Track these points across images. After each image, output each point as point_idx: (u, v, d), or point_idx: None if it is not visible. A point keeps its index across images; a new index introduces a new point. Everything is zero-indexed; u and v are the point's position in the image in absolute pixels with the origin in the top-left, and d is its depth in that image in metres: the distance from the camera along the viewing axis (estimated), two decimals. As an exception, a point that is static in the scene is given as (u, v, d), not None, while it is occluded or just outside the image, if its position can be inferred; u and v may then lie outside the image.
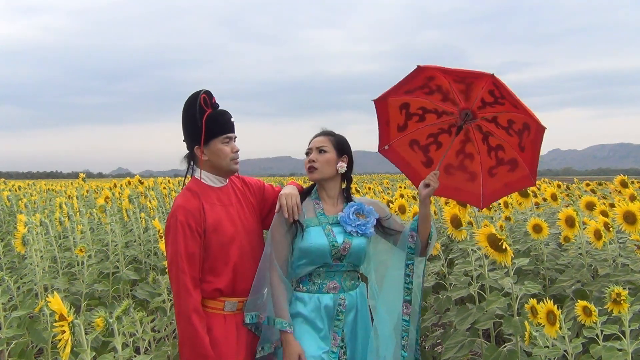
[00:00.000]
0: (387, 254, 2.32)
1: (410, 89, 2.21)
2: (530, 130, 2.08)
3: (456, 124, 2.25)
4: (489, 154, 2.28)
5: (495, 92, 2.05)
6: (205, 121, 2.10)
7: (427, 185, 2.18)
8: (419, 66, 2.06)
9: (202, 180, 2.18)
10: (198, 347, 1.99)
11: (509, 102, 2.04)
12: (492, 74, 1.96)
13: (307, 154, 2.25)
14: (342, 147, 2.26)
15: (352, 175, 2.33)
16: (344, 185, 2.32)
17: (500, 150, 2.24)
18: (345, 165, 2.24)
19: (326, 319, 2.14)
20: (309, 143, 2.27)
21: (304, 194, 2.28)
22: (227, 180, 2.26)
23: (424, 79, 2.15)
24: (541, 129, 2.02)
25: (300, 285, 2.19)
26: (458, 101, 2.20)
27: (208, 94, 2.13)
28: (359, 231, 2.18)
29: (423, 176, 2.31)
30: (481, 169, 2.31)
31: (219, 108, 2.17)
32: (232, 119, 2.18)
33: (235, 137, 2.20)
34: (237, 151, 2.19)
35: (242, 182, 2.34)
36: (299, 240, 2.17)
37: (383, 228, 2.27)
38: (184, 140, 2.21)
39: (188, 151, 2.22)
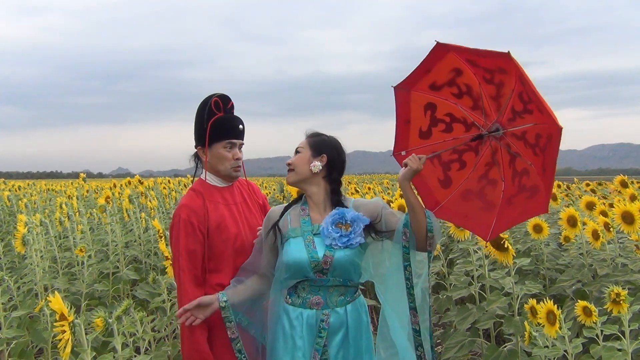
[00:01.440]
0: (386, 253, 2.10)
1: (436, 83, 1.99)
2: (552, 141, 1.82)
3: (482, 137, 2.01)
4: (512, 181, 2.00)
5: (523, 94, 1.81)
6: (210, 124, 2.10)
7: (405, 166, 1.94)
8: (437, 42, 1.86)
9: (206, 180, 2.19)
10: (193, 343, 2.03)
11: (535, 104, 1.81)
12: (508, 52, 1.71)
13: None
14: (319, 146, 2.05)
15: (341, 179, 2.11)
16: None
17: (525, 176, 1.97)
18: (321, 165, 2.02)
19: (307, 337, 1.96)
20: None
21: (293, 202, 2.14)
22: (232, 181, 2.25)
23: (450, 71, 1.94)
24: (559, 132, 1.76)
25: (288, 297, 2.04)
26: (489, 112, 1.97)
27: (222, 98, 2.13)
28: (340, 244, 1.94)
29: (436, 195, 2.09)
30: (501, 200, 2.02)
31: (233, 114, 2.16)
32: (241, 126, 2.15)
33: (242, 144, 2.18)
34: (239, 159, 2.16)
35: (249, 185, 2.34)
36: (281, 253, 2.03)
37: (376, 232, 2.02)
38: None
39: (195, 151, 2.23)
